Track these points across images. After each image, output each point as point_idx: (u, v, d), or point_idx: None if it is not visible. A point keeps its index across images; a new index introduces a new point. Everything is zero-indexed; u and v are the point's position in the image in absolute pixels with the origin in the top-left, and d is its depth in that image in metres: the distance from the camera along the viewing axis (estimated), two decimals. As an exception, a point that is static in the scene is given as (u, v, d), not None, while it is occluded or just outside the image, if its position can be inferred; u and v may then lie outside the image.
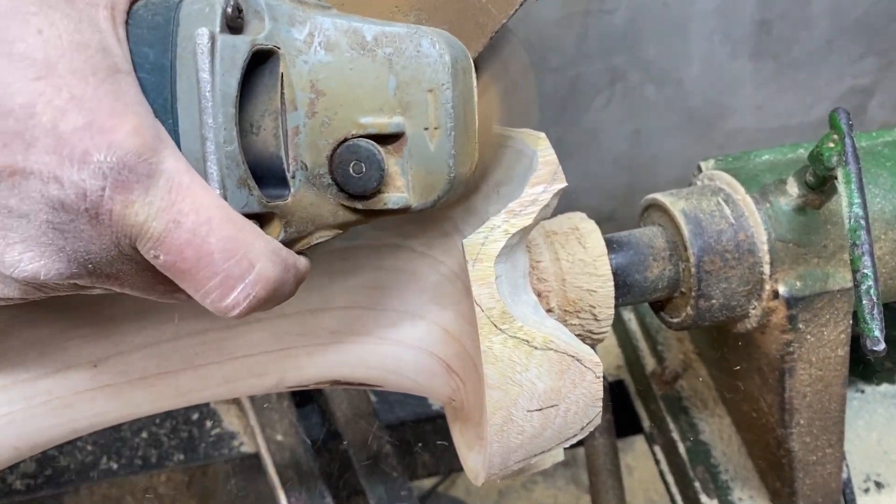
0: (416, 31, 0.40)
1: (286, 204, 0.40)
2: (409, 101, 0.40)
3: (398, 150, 0.41)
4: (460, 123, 0.41)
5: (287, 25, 0.39)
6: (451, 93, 0.40)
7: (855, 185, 0.54)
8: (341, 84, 0.40)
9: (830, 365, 0.65)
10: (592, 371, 0.51)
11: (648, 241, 0.63)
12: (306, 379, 0.58)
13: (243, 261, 0.37)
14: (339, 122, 0.40)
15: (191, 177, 0.36)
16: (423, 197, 0.41)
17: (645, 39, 1.39)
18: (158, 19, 0.38)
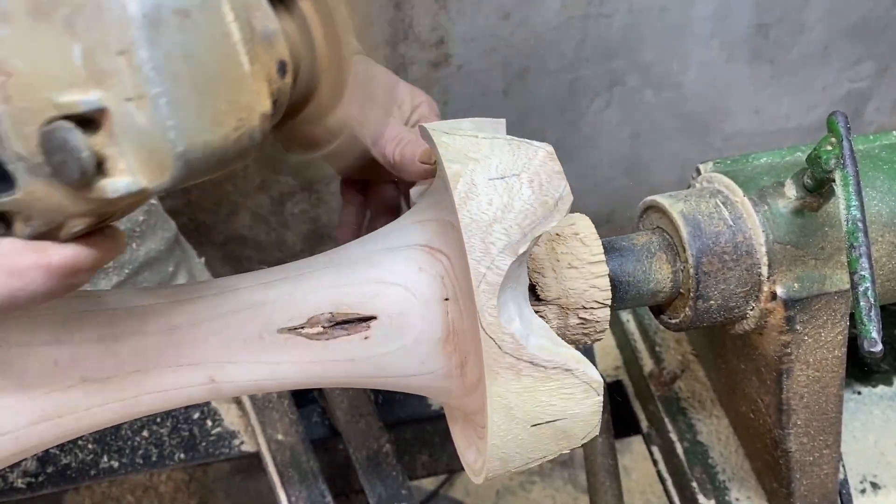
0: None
1: (18, 199, 0.36)
2: (101, 70, 0.33)
3: (107, 128, 0.34)
4: (180, 84, 0.34)
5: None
6: (146, 52, 0.33)
7: (853, 188, 0.54)
8: (26, 60, 0.33)
9: (828, 366, 0.66)
10: (595, 391, 0.52)
11: (647, 244, 0.63)
12: None
13: None
14: (36, 105, 0.34)
15: None
16: (154, 178, 0.35)
17: (643, 43, 1.40)
18: None
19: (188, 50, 0.34)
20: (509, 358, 0.50)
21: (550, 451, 0.55)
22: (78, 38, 0.33)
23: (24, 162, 0.35)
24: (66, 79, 0.34)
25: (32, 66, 0.34)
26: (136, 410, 0.57)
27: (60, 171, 0.34)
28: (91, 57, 0.33)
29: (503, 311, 0.51)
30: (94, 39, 0.33)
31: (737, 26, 1.44)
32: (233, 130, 0.36)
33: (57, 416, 0.54)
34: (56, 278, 0.38)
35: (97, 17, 0.33)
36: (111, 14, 0.33)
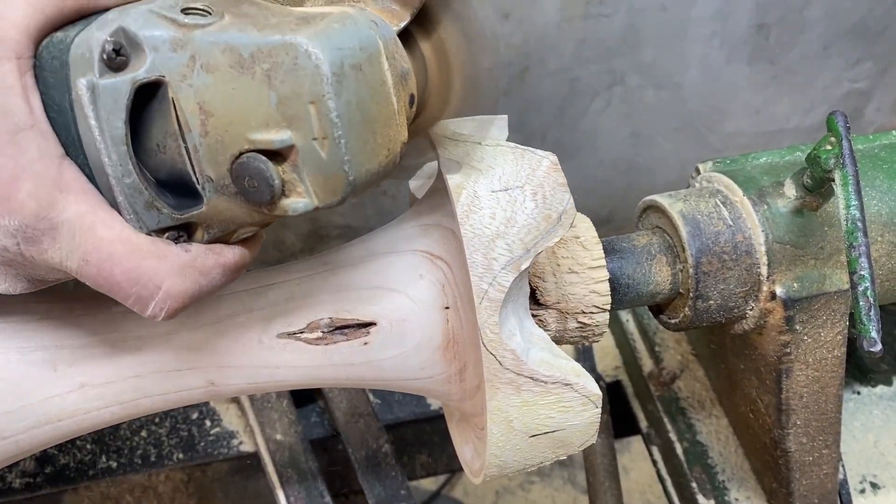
0: (292, 43, 0.39)
1: (203, 212, 0.43)
2: (293, 114, 0.40)
3: (293, 160, 0.41)
4: (355, 125, 0.41)
5: (169, 52, 0.40)
6: (333, 103, 0.40)
7: (852, 188, 0.54)
8: (226, 104, 0.40)
9: (827, 366, 0.65)
10: (594, 404, 0.52)
11: (646, 245, 0.63)
12: None
13: (148, 285, 0.42)
14: (231, 140, 0.41)
15: (94, 217, 0.41)
16: (325, 200, 0.42)
17: (643, 43, 1.40)
18: (56, 63, 0.40)
19: (360, 97, 0.41)
20: (510, 374, 0.51)
21: (548, 458, 0.56)
22: (274, 88, 0.40)
23: (212, 183, 0.42)
24: (261, 120, 0.40)
25: (231, 108, 0.40)
26: (134, 412, 0.57)
27: (252, 194, 0.41)
28: (285, 104, 0.40)
29: (504, 326, 0.51)
30: (289, 90, 0.39)
31: (737, 26, 1.44)
32: (385, 158, 0.43)
33: (57, 420, 0.54)
34: (229, 274, 0.46)
35: (292, 73, 0.39)
36: (305, 71, 0.39)
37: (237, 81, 0.40)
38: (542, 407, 0.52)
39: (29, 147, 0.40)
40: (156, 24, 0.40)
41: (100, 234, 0.41)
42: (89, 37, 0.40)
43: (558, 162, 0.53)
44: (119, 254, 0.42)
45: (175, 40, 0.40)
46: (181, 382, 0.55)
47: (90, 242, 0.41)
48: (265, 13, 0.42)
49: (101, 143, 0.40)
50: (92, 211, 0.41)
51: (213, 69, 0.40)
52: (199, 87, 0.40)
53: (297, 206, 0.42)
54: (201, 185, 0.42)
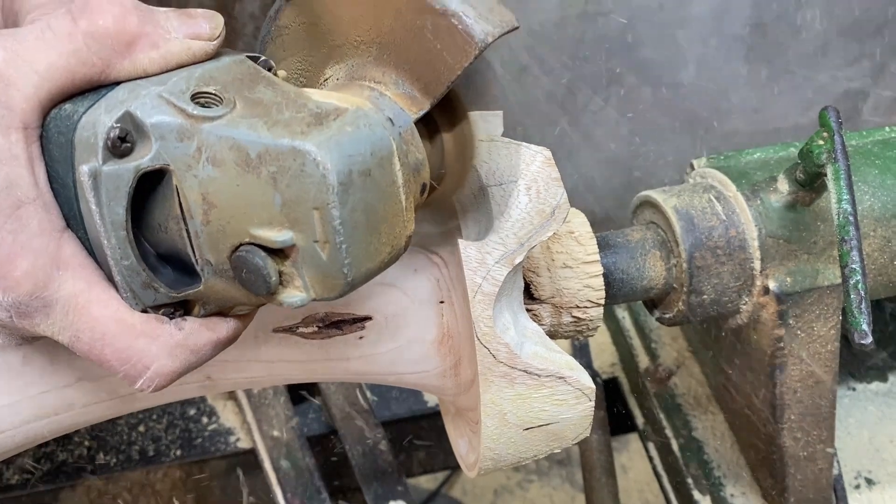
0: (300, 149, 0.39)
1: (200, 290, 0.43)
2: (296, 217, 0.40)
3: (293, 257, 0.41)
4: (359, 230, 0.40)
5: (176, 141, 0.40)
6: (337, 211, 0.39)
7: (844, 182, 0.55)
8: (230, 198, 0.40)
9: (821, 360, 0.66)
10: (587, 397, 0.53)
11: (640, 240, 0.63)
12: None
13: (137, 365, 0.43)
14: (232, 231, 0.41)
15: (88, 296, 0.42)
16: (323, 294, 0.42)
17: (641, 42, 1.40)
18: (62, 139, 0.40)
19: (367, 203, 0.41)
20: (504, 367, 0.51)
21: (542, 451, 0.56)
22: (280, 191, 0.39)
23: (211, 266, 0.42)
24: (264, 218, 0.40)
25: (234, 204, 0.40)
26: (131, 407, 0.57)
27: (249, 284, 0.41)
28: (289, 206, 0.39)
29: (498, 320, 0.51)
30: (293, 195, 0.39)
31: (734, 25, 1.44)
32: (387, 255, 0.43)
33: (54, 414, 0.54)
34: (220, 348, 0.46)
35: (298, 179, 0.39)
36: (312, 179, 0.39)
37: (242, 179, 0.40)
38: (535, 400, 0.53)
39: (30, 222, 0.40)
40: (164, 112, 0.40)
41: (94, 314, 0.42)
42: (96, 120, 0.40)
43: (552, 157, 0.53)
44: (111, 334, 0.42)
45: (182, 130, 0.40)
46: None
47: (83, 321, 0.42)
48: (279, 104, 0.41)
49: (101, 226, 0.40)
50: (88, 288, 0.42)
51: (220, 164, 0.40)
52: (203, 178, 0.40)
53: (293, 299, 0.42)
54: (200, 266, 0.42)
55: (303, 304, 0.42)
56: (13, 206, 0.40)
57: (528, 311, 0.58)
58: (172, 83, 0.41)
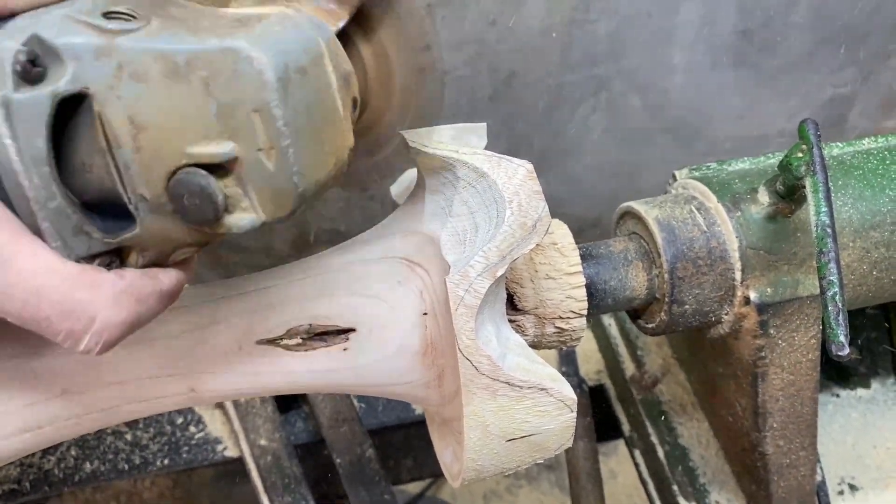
0: (231, 48, 0.36)
1: (136, 234, 0.39)
2: (236, 125, 0.37)
3: (237, 173, 0.38)
4: (303, 132, 0.38)
5: (92, 61, 0.36)
6: (280, 110, 0.37)
7: (822, 195, 0.55)
8: (160, 115, 0.37)
9: (802, 369, 0.66)
10: (569, 408, 0.53)
11: (623, 251, 0.64)
12: None
13: (82, 317, 0.38)
14: (167, 154, 0.37)
15: (14, 247, 0.37)
16: (274, 214, 0.39)
17: (628, 49, 1.40)
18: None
19: (306, 103, 0.38)
20: (486, 379, 0.51)
21: (525, 462, 0.56)
22: (213, 97, 0.36)
23: (146, 203, 0.38)
24: (200, 132, 0.37)
25: (166, 121, 0.37)
26: (116, 419, 0.57)
27: (192, 212, 0.38)
28: (226, 113, 0.37)
29: (480, 332, 0.51)
30: (230, 98, 0.36)
31: (721, 32, 1.45)
32: (333, 166, 0.41)
33: (37, 427, 0.54)
34: (165, 300, 0.42)
35: (233, 80, 0.36)
36: (247, 78, 0.36)
37: (172, 91, 0.36)
38: (518, 411, 0.53)
39: None
40: (75, 31, 0.36)
41: (23, 266, 0.37)
42: None
43: (534, 170, 0.54)
44: (47, 286, 0.38)
45: (99, 48, 0.36)
46: (162, 389, 0.56)
47: (12, 275, 0.37)
48: (196, 16, 0.39)
49: (20, 164, 0.36)
50: (12, 240, 0.37)
51: (145, 78, 0.36)
52: (128, 98, 0.37)
53: (243, 222, 0.39)
54: (134, 205, 0.39)
55: (253, 227, 0.39)
56: None
57: (511, 321, 0.58)
58: (78, 4, 0.38)
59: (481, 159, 0.54)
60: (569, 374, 0.95)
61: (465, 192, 0.53)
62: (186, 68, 0.36)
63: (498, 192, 0.51)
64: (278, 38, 0.38)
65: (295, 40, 0.39)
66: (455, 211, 0.53)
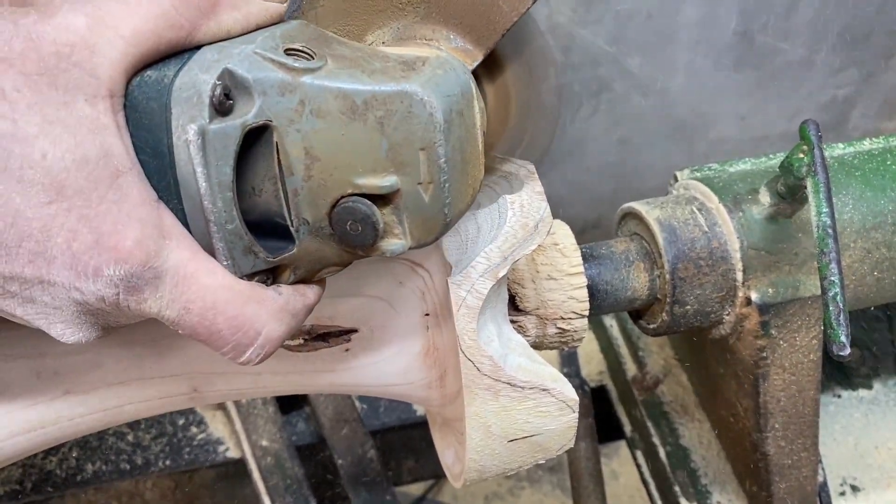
0: (407, 91, 0.39)
1: (293, 254, 0.43)
2: (402, 161, 0.40)
3: (395, 203, 0.41)
4: (456, 169, 0.42)
5: (277, 96, 0.39)
6: (443, 149, 0.40)
7: (823, 195, 0.55)
8: (334, 149, 0.40)
9: (803, 370, 0.66)
10: (571, 409, 0.53)
11: (624, 251, 0.64)
12: None
13: (250, 331, 0.42)
14: (335, 184, 0.41)
15: (196, 264, 0.40)
16: (420, 240, 0.43)
17: (630, 50, 1.41)
18: (152, 104, 0.39)
19: (461, 141, 0.42)
20: (487, 380, 0.51)
21: (526, 462, 0.56)
22: (386, 135, 0.40)
23: (307, 226, 0.42)
24: (369, 165, 0.40)
25: (339, 154, 0.40)
26: (119, 419, 0.58)
27: (353, 237, 0.42)
28: (395, 150, 0.40)
29: (482, 333, 0.51)
30: (401, 137, 0.40)
31: (722, 33, 1.45)
32: (470, 197, 0.44)
33: (40, 427, 0.54)
34: (308, 313, 0.46)
35: (406, 120, 0.40)
36: (419, 119, 0.40)
37: (348, 127, 0.40)
38: (519, 412, 0.53)
39: (131, 191, 0.39)
40: (263, 67, 0.39)
41: (203, 282, 0.40)
42: (195, 79, 0.39)
43: (535, 171, 0.54)
44: (222, 301, 0.41)
45: (284, 84, 0.39)
46: (164, 389, 0.56)
47: (194, 291, 0.40)
48: (365, 57, 0.41)
49: (207, 188, 0.39)
50: (193, 258, 0.40)
51: (324, 114, 0.39)
52: (307, 131, 0.40)
53: (393, 246, 0.43)
54: (295, 227, 0.42)
55: (402, 251, 0.43)
56: (112, 175, 0.38)
57: (513, 322, 0.58)
58: (261, 41, 0.41)
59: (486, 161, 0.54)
60: (570, 376, 0.95)
61: None
62: (363, 107, 0.40)
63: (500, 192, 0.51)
64: (442, 81, 0.41)
65: (455, 83, 0.42)
66: None
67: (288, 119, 0.40)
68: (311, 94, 0.39)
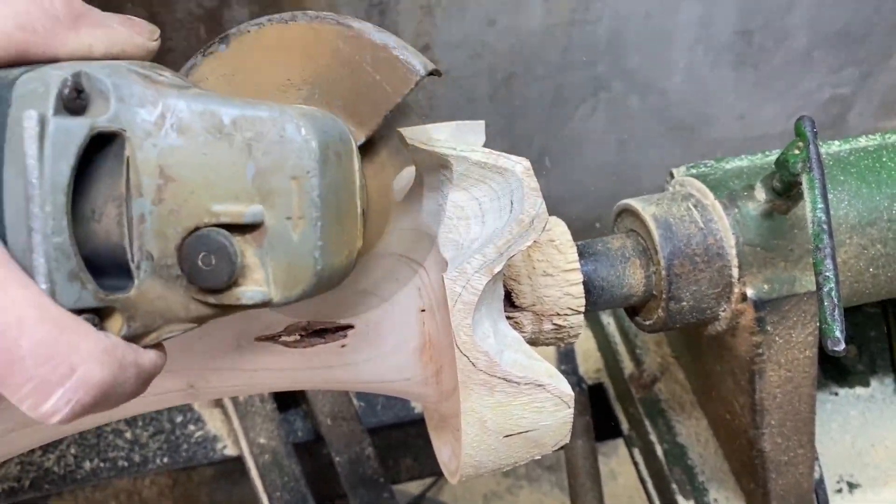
0: (281, 115, 0.37)
1: (129, 297, 0.37)
2: (270, 190, 0.37)
3: (258, 241, 0.37)
4: (330, 212, 0.38)
5: (136, 106, 0.36)
6: (317, 180, 0.37)
7: (818, 191, 0.55)
8: (193, 170, 0.36)
9: (799, 366, 0.67)
10: (566, 404, 0.53)
11: (620, 248, 0.64)
12: None
13: (61, 365, 0.33)
14: (190, 210, 0.37)
15: (5, 272, 0.33)
16: (285, 291, 0.38)
17: (628, 50, 1.41)
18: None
19: (337, 186, 0.39)
20: (483, 375, 0.51)
21: (522, 458, 0.56)
22: (254, 159, 0.37)
23: (150, 263, 0.37)
24: (231, 191, 0.37)
25: (198, 176, 0.36)
26: (115, 415, 0.58)
27: (204, 274, 0.37)
28: (263, 176, 0.37)
29: (477, 329, 0.51)
30: (270, 163, 0.37)
31: (721, 32, 1.45)
32: (345, 258, 0.41)
33: (35, 423, 0.54)
34: (141, 381, 0.38)
35: (278, 145, 0.37)
36: (293, 145, 0.37)
37: (211, 147, 0.36)
38: (515, 408, 0.53)
39: None
40: (124, 76, 0.37)
41: (11, 293, 0.33)
42: (44, 73, 0.35)
43: (531, 168, 0.54)
44: (31, 319, 0.33)
45: (145, 94, 0.36)
46: (160, 385, 0.56)
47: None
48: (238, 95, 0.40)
49: (36, 189, 0.34)
50: (3, 265, 0.33)
51: (186, 131, 0.36)
52: (164, 147, 0.36)
53: (251, 294, 0.38)
54: (136, 262, 0.37)
55: (262, 302, 0.38)
56: None
57: (509, 318, 0.59)
58: (129, 61, 0.38)
59: (479, 156, 0.54)
60: (567, 373, 0.95)
61: None
62: (231, 127, 0.37)
63: None
64: (321, 121, 0.39)
65: (334, 127, 0.40)
66: None
67: (144, 131, 0.36)
68: (175, 108, 0.36)
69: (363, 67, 0.42)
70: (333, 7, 1.15)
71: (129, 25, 0.39)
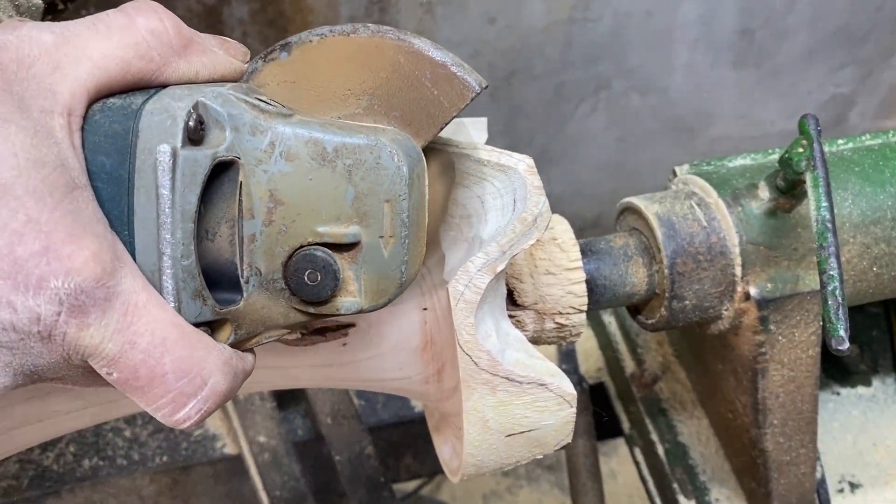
0: (377, 143, 0.41)
1: (238, 309, 0.41)
2: (367, 211, 0.41)
3: (353, 258, 0.42)
4: (414, 230, 0.42)
5: (248, 135, 0.40)
6: (407, 203, 0.41)
7: (822, 189, 0.55)
8: (300, 194, 0.40)
9: (802, 366, 0.66)
10: (569, 403, 0.53)
11: (623, 246, 0.64)
12: None
13: (196, 378, 0.37)
14: (296, 231, 0.41)
15: (147, 295, 0.36)
16: (374, 300, 0.43)
17: (629, 48, 1.41)
18: (116, 128, 0.37)
19: (418, 204, 0.43)
20: (485, 374, 0.51)
21: (524, 457, 0.56)
22: (354, 184, 0.41)
23: (258, 277, 0.41)
24: (333, 214, 0.41)
25: (304, 200, 0.41)
26: (115, 413, 0.57)
27: (309, 288, 0.41)
28: (361, 200, 0.41)
29: (480, 328, 0.51)
30: (367, 187, 0.41)
31: (721, 31, 1.45)
32: (417, 268, 0.44)
33: (37, 421, 0.54)
34: (242, 381, 0.41)
35: (374, 171, 0.41)
36: (387, 170, 0.41)
37: (316, 173, 0.40)
38: (517, 407, 0.53)
39: (86, 206, 0.35)
40: (236, 105, 0.40)
41: (155, 314, 0.36)
42: (168, 105, 0.38)
43: (534, 165, 0.53)
44: (172, 338, 0.36)
45: (255, 124, 0.40)
46: None
47: (144, 323, 0.35)
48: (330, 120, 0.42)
49: (168, 217, 0.37)
50: (145, 289, 0.36)
51: (293, 158, 0.40)
52: (273, 173, 0.40)
53: (346, 305, 0.42)
54: (245, 278, 0.41)
55: (355, 311, 0.42)
56: (69, 185, 0.35)
57: (511, 317, 0.58)
58: (232, 86, 0.41)
59: (482, 154, 0.54)
60: (569, 372, 0.95)
61: None
62: (334, 154, 0.41)
63: None
64: (405, 144, 0.43)
65: (414, 149, 0.43)
66: None
67: (256, 159, 0.40)
68: (283, 137, 0.40)
69: (422, 82, 0.44)
70: (335, 5, 1.15)
71: (225, 48, 0.42)
